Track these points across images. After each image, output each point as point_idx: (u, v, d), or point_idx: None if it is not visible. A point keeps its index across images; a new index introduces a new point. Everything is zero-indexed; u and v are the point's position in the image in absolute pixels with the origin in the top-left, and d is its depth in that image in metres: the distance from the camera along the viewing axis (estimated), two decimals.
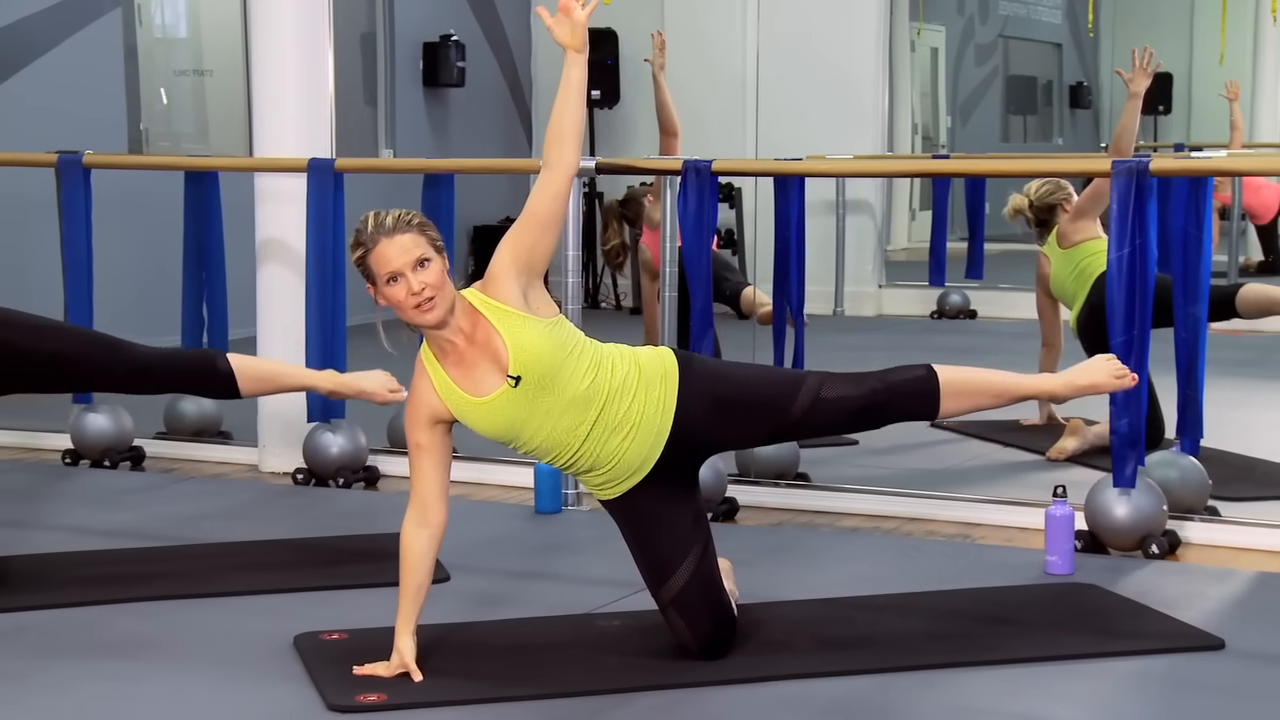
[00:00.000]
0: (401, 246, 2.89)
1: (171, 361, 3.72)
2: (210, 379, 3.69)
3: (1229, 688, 2.96)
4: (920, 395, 3.06)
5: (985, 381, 3.12)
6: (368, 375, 3.71)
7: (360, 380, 3.72)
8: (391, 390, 3.67)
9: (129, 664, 3.10)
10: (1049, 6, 11.93)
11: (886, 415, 3.09)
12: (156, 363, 3.68)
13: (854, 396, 3.04)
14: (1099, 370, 3.17)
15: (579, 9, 2.92)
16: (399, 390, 3.66)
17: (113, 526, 4.31)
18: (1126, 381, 3.15)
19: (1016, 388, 3.16)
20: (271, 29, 5.04)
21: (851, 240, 8.72)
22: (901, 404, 3.07)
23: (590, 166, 4.55)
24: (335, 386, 3.76)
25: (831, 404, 3.03)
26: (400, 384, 3.66)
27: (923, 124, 10.75)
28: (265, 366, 3.83)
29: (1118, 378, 3.15)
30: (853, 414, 3.06)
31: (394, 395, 3.66)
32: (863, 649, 3.16)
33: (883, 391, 3.05)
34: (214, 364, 3.69)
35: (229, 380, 3.67)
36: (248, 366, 3.71)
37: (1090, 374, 3.17)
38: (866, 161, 7.97)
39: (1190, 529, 4.10)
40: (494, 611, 3.45)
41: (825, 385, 3.05)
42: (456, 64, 9.38)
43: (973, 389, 3.10)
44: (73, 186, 5.19)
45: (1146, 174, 3.91)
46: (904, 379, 3.07)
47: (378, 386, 3.69)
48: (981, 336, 8.19)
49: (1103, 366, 3.17)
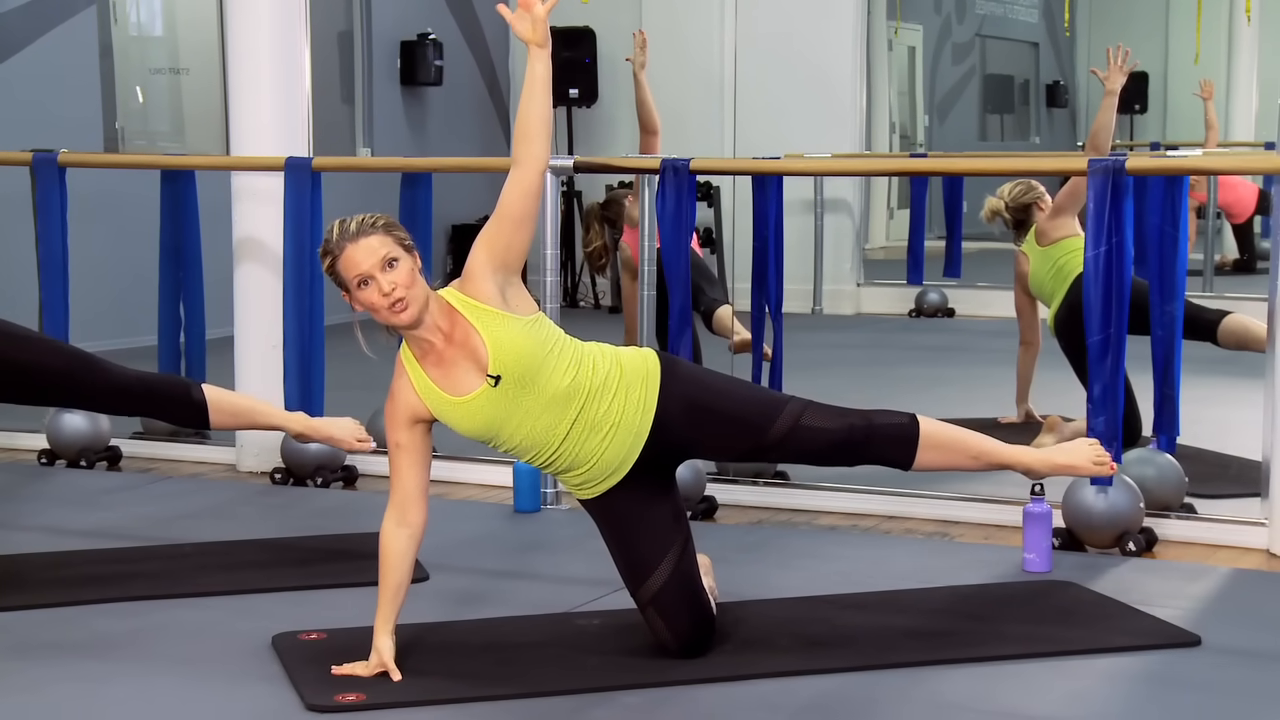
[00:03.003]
0: (368, 249, 2.88)
1: (147, 385, 3.77)
2: (183, 407, 3.74)
3: (1205, 684, 2.97)
4: (898, 441, 3.06)
5: (964, 442, 3.13)
6: (338, 423, 3.78)
7: (330, 427, 3.79)
8: (360, 440, 3.76)
9: (105, 664, 3.09)
10: (1026, 6, 11.97)
11: (861, 454, 3.09)
12: (132, 385, 3.73)
13: (832, 430, 3.04)
14: (1080, 453, 3.19)
15: (539, 4, 2.92)
16: (367, 440, 3.76)
17: (89, 527, 4.29)
18: (1105, 469, 3.18)
19: (994, 454, 3.16)
20: (248, 27, 5.02)
21: (830, 239, 8.73)
22: (878, 446, 3.07)
23: (569, 165, 4.55)
24: (305, 429, 3.81)
25: (809, 433, 3.03)
26: (368, 435, 3.75)
27: (900, 123, 10.78)
28: (238, 402, 3.87)
29: (1097, 464, 3.17)
30: (828, 447, 3.05)
31: (361, 445, 3.76)
32: (842, 647, 3.17)
33: (861, 430, 3.05)
34: (188, 393, 3.74)
35: (201, 411, 3.73)
36: (221, 400, 3.76)
37: (1070, 455, 3.19)
38: (844, 160, 7.98)
39: (1167, 526, 4.12)
40: (473, 611, 3.45)
41: (806, 413, 3.04)
42: (434, 63, 9.37)
43: (951, 446, 3.11)
44: (48, 185, 5.16)
45: (1122, 173, 3.92)
46: (886, 423, 3.07)
47: (346, 435, 3.77)
48: (959, 335, 8.21)
49: (1085, 451, 3.19)
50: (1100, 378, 3.95)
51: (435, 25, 9.47)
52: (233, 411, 3.79)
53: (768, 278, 4.63)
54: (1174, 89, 10.94)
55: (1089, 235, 3.95)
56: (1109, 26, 11.39)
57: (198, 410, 3.73)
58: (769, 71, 8.73)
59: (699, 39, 8.94)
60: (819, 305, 8.65)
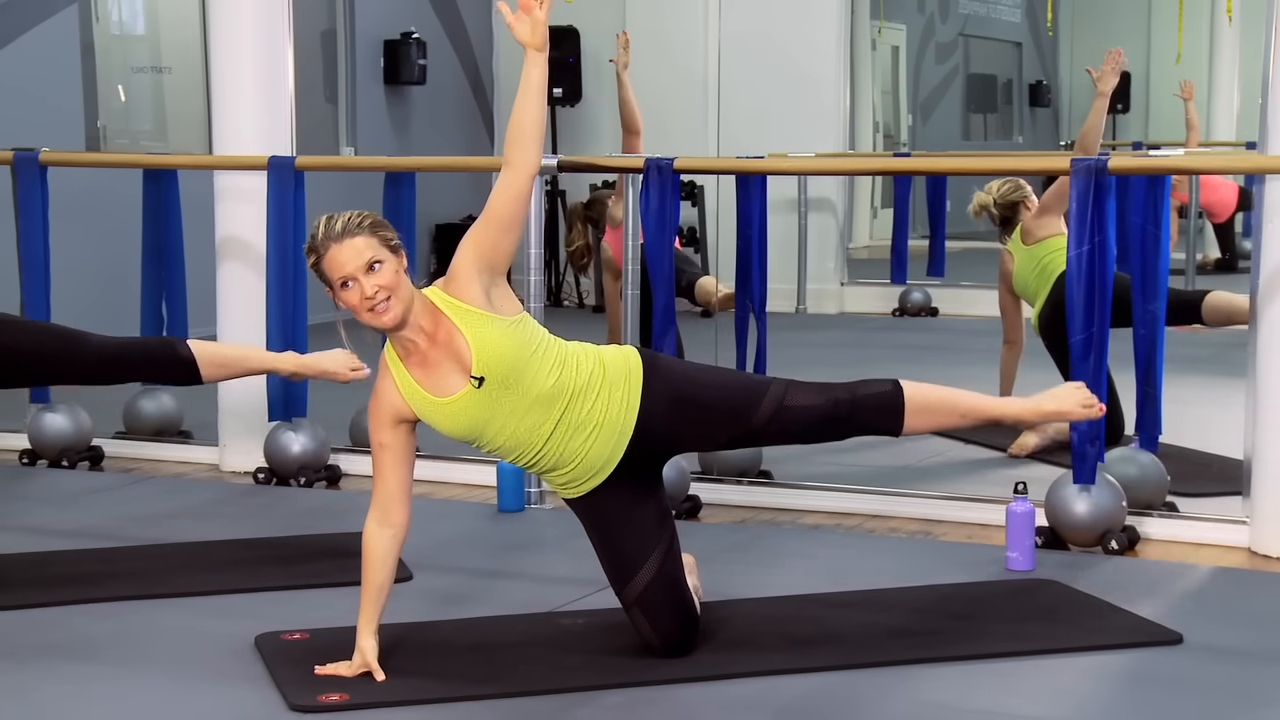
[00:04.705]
0: (353, 250, 2.87)
1: (132, 350, 3.76)
2: (171, 365, 3.72)
3: (1187, 681, 2.98)
4: (884, 409, 3.06)
5: (952, 401, 3.13)
6: (329, 355, 3.76)
7: (322, 360, 3.76)
8: (353, 369, 3.73)
9: (87, 665, 3.08)
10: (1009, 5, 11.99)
11: (849, 427, 3.08)
12: (117, 352, 3.71)
13: (817, 406, 3.04)
14: (1067, 398, 3.19)
15: (539, 7, 2.91)
16: (361, 368, 3.72)
17: (71, 527, 4.27)
18: (1094, 411, 3.18)
19: (983, 409, 3.17)
20: (231, 26, 5.01)
21: (813, 238, 8.73)
22: (865, 417, 3.07)
23: (552, 164, 4.54)
24: (297, 368, 3.79)
25: (795, 412, 3.03)
26: (362, 362, 3.69)
27: (884, 122, 10.78)
28: (226, 351, 3.86)
29: (1085, 407, 3.17)
30: (815, 423, 3.05)
31: (356, 374, 3.73)
32: (826, 646, 3.17)
33: (846, 403, 3.05)
34: (174, 350, 3.72)
35: (190, 365, 3.70)
36: (208, 352, 3.75)
37: (1058, 401, 3.19)
38: (828, 160, 7.99)
39: (1149, 525, 4.13)
40: (457, 610, 3.45)
41: (790, 393, 3.05)
42: (418, 62, 9.35)
43: (938, 407, 3.10)
44: (29, 184, 5.14)
45: (1105, 172, 3.94)
46: (869, 392, 3.07)
47: (339, 365, 3.74)
48: (943, 334, 8.23)
49: (1071, 394, 3.19)
50: (1083, 376, 3.96)
51: (419, 24, 9.45)
52: (222, 362, 3.77)
53: (751, 277, 4.64)
54: (1156, 89, 10.97)
55: (1072, 234, 3.96)
56: (1091, 27, 11.42)
57: (187, 365, 3.70)
58: (753, 71, 8.74)
59: (683, 38, 8.94)
60: (803, 304, 8.65)
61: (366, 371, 3.71)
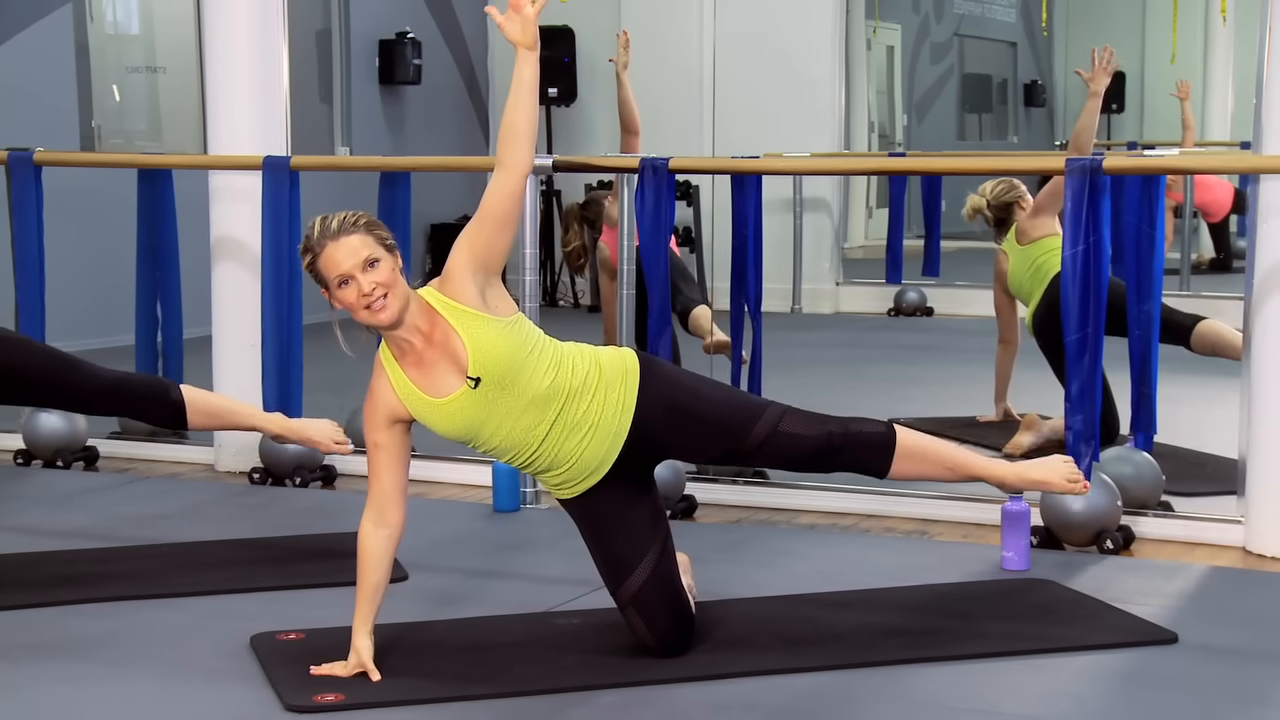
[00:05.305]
0: (349, 248, 2.87)
1: (126, 386, 3.81)
2: (161, 407, 3.77)
3: (1182, 681, 2.99)
4: (875, 449, 3.07)
5: (940, 452, 3.14)
6: (315, 424, 3.81)
7: (307, 429, 3.81)
8: (338, 442, 3.78)
9: (82, 666, 3.08)
10: (1003, 5, 12.00)
11: (838, 462, 3.09)
12: (111, 386, 3.76)
13: (810, 437, 3.04)
14: (1054, 470, 3.19)
15: (529, 5, 2.91)
16: (345, 442, 3.79)
17: (66, 527, 4.27)
18: (1078, 488, 3.18)
19: (969, 466, 3.17)
20: (225, 26, 5.00)
21: (809, 238, 8.75)
22: (855, 453, 3.07)
23: (547, 164, 4.54)
24: (282, 431, 3.84)
25: (787, 439, 3.04)
26: (346, 437, 3.72)
27: (879, 122, 10.79)
28: (216, 403, 3.89)
29: (1070, 481, 3.17)
30: (806, 454, 3.06)
31: (339, 448, 3.78)
32: (821, 645, 3.17)
33: (839, 437, 3.05)
34: (166, 394, 3.77)
35: (179, 411, 3.76)
36: (199, 401, 3.79)
37: (1044, 471, 3.19)
38: (823, 159, 8.00)
39: (1144, 524, 4.13)
40: (452, 610, 3.44)
41: (785, 419, 3.05)
42: (413, 61, 9.35)
43: (927, 457, 3.11)
44: (23, 184, 5.14)
45: (1100, 172, 3.94)
46: (863, 430, 3.07)
47: (324, 438, 3.79)
48: (938, 334, 8.23)
49: (1059, 467, 3.19)
50: (1078, 376, 3.96)
51: (414, 24, 9.45)
52: (211, 412, 3.81)
53: (747, 277, 4.64)
54: (1151, 89, 10.98)
55: (1067, 234, 3.97)
56: (1086, 26, 11.43)
57: (176, 411, 3.76)
58: (748, 70, 8.74)
59: (678, 38, 8.95)
60: (798, 304, 8.66)
61: (350, 447, 3.80)
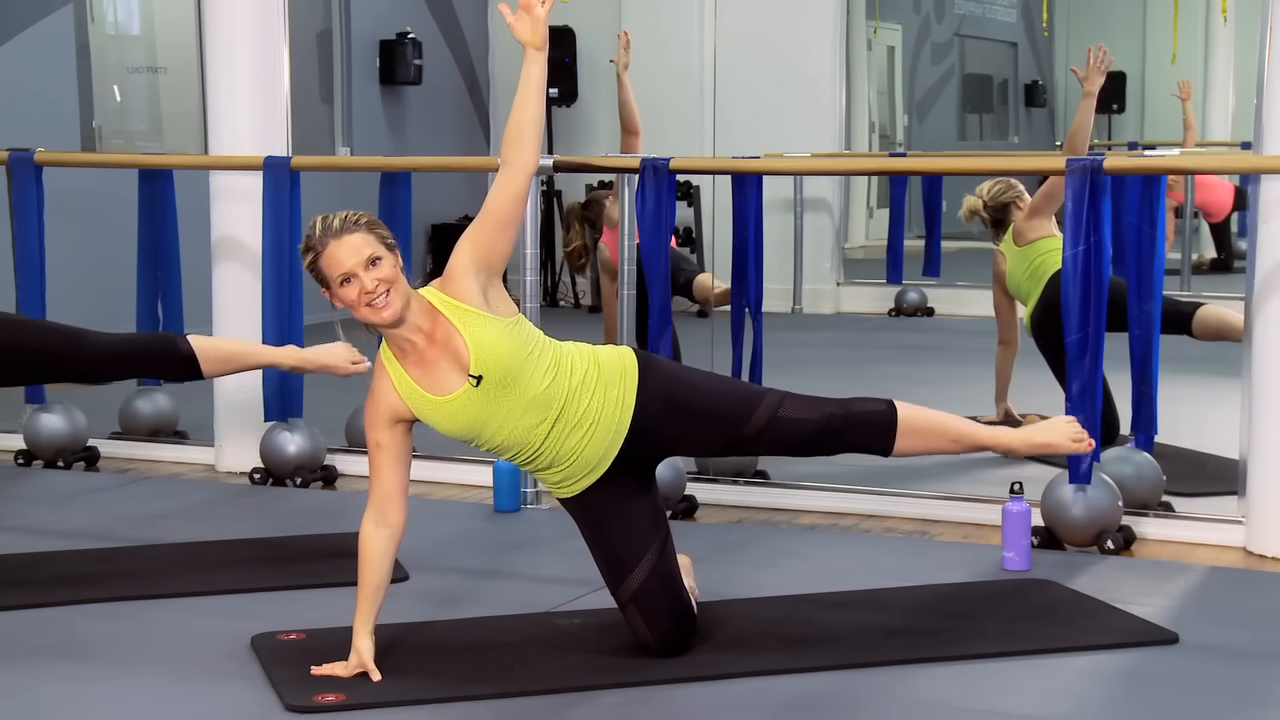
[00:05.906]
0: (351, 247, 2.87)
1: (132, 346, 3.78)
2: (172, 361, 3.72)
3: (1183, 681, 2.99)
4: (877, 427, 3.07)
5: (943, 426, 3.14)
6: (329, 348, 3.76)
7: (322, 354, 3.77)
8: (354, 362, 3.73)
9: (83, 665, 3.08)
10: (1004, 6, 12.00)
11: (840, 443, 3.09)
12: (117, 349, 3.72)
13: (810, 420, 3.04)
14: (1057, 430, 3.20)
15: (540, 6, 2.91)
16: (361, 361, 3.72)
17: (67, 528, 4.27)
18: (1083, 446, 3.19)
19: (973, 436, 3.18)
20: (226, 26, 5.01)
21: (809, 238, 8.74)
22: (857, 433, 3.07)
23: (548, 165, 4.54)
24: (297, 362, 3.80)
25: (787, 424, 3.04)
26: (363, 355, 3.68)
27: (880, 122, 10.79)
28: (226, 346, 3.88)
29: (1074, 440, 3.18)
30: (807, 437, 3.06)
31: (356, 367, 3.72)
32: (822, 646, 3.17)
33: (839, 419, 3.05)
34: (174, 346, 3.73)
35: (190, 361, 3.71)
36: (209, 347, 3.76)
37: (1048, 433, 3.20)
38: (824, 160, 7.99)
39: (1145, 524, 4.14)
40: (453, 610, 3.44)
41: (784, 405, 3.05)
42: (413, 62, 9.35)
43: (930, 431, 3.11)
44: (24, 185, 5.14)
45: (1100, 172, 3.94)
46: (863, 410, 3.07)
47: (339, 359, 3.74)
48: (939, 334, 8.23)
49: (1062, 428, 3.20)
50: (1078, 376, 3.96)
51: (414, 24, 9.45)
52: (223, 357, 3.78)
53: (747, 277, 4.64)
54: (1151, 89, 10.98)
55: (1067, 234, 3.97)
56: (1087, 27, 11.42)
57: (187, 361, 3.70)
58: (748, 71, 8.74)
59: (678, 38, 8.94)
60: (799, 304, 8.65)
61: (367, 365, 3.69)
